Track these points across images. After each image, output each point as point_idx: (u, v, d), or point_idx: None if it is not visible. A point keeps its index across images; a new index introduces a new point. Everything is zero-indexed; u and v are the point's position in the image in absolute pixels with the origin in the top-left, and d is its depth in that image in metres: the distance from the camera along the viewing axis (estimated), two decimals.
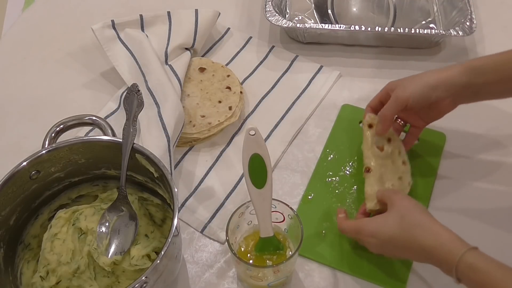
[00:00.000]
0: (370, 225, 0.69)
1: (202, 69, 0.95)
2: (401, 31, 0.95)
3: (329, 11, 1.06)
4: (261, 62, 1.00)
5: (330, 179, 0.83)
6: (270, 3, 1.00)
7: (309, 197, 0.82)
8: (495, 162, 0.85)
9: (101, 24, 0.95)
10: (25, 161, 0.67)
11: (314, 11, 1.07)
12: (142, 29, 0.99)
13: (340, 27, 0.96)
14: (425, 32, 0.95)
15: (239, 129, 0.91)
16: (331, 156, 0.86)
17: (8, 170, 0.66)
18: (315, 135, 0.90)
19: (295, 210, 0.71)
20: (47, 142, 0.72)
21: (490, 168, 0.84)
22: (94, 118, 0.75)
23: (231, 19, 1.08)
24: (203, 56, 1.02)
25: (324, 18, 1.06)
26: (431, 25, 1.04)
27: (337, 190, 0.82)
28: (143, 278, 0.57)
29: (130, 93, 0.72)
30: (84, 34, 1.01)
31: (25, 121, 0.93)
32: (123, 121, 0.70)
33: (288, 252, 0.70)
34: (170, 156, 0.79)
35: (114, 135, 0.73)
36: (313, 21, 1.06)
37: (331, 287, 0.73)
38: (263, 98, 0.95)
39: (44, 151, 0.68)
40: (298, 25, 0.99)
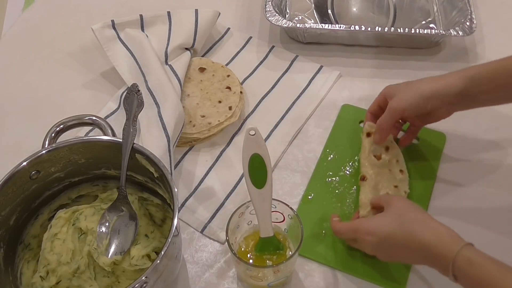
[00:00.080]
0: (368, 223, 0.69)
1: (202, 69, 0.95)
2: (401, 31, 0.95)
3: (329, 11, 1.06)
4: (261, 62, 1.00)
5: (330, 179, 0.83)
6: (270, 3, 1.00)
7: (309, 197, 0.82)
8: (495, 164, 0.85)
9: (101, 24, 0.95)
10: (25, 161, 0.67)
11: (314, 11, 1.07)
12: (142, 29, 0.99)
13: (340, 27, 0.96)
14: (425, 32, 0.95)
15: (239, 129, 0.91)
16: (331, 156, 0.86)
17: (8, 170, 0.66)
18: (315, 135, 0.89)
19: (295, 210, 0.71)
20: (47, 142, 0.72)
21: (489, 170, 0.84)
22: (94, 118, 0.75)
23: (231, 19, 1.08)
24: (203, 56, 1.02)
25: (324, 18, 1.06)
26: (431, 25, 1.04)
27: (337, 190, 0.82)
28: (143, 278, 0.57)
29: (130, 93, 0.72)
30: (84, 34, 1.01)
31: (25, 121, 0.93)
32: (123, 121, 0.70)
33: (288, 252, 0.70)
34: (170, 156, 0.79)
35: (114, 135, 0.73)
36: (313, 21, 1.06)
37: (331, 287, 0.73)
38: (263, 98, 0.95)
39: (44, 151, 0.68)
40: (298, 25, 0.99)
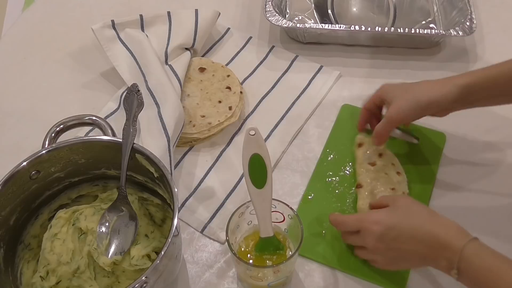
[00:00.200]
0: (375, 214, 0.70)
1: (202, 69, 0.95)
2: (401, 31, 0.95)
3: (329, 11, 1.06)
4: (261, 62, 1.00)
5: (330, 179, 0.83)
6: (270, 3, 1.00)
7: (309, 197, 0.81)
8: (495, 164, 0.85)
9: (101, 24, 0.95)
10: (25, 161, 0.67)
11: (314, 11, 1.07)
12: (142, 29, 0.99)
13: (340, 27, 0.96)
14: (425, 32, 0.95)
15: (239, 129, 0.91)
16: (331, 156, 0.86)
17: (8, 170, 0.65)
18: (315, 135, 0.89)
19: (295, 210, 0.71)
20: (47, 142, 0.72)
21: (489, 170, 0.84)
22: (94, 118, 0.75)
23: (231, 19, 1.08)
24: (203, 56, 1.02)
25: (324, 18, 1.06)
26: (431, 25, 1.04)
27: (337, 190, 0.82)
28: (143, 278, 0.57)
29: (130, 93, 0.72)
30: (84, 34, 1.01)
31: (25, 121, 0.93)
32: (123, 121, 0.70)
33: (288, 252, 0.70)
34: (170, 156, 0.79)
35: (114, 135, 0.73)
36: (313, 21, 1.06)
37: (331, 287, 0.73)
38: (263, 98, 0.95)
39: (44, 151, 0.68)
40: (298, 25, 0.99)
